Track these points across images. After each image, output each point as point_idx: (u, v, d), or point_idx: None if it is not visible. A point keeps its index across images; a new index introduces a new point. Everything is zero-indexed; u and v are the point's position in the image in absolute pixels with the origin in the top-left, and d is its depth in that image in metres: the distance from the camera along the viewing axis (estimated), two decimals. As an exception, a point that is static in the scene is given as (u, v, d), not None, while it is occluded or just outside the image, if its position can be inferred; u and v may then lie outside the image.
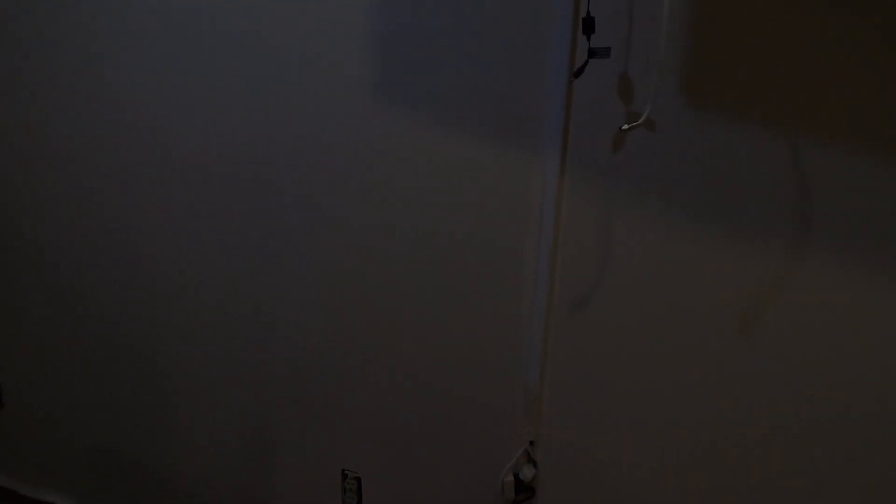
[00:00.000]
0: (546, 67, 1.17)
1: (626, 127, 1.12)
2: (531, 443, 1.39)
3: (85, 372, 1.81)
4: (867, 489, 1.15)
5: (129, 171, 1.58)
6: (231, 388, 1.66)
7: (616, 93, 1.15)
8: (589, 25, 1.09)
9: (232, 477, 1.74)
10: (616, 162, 1.18)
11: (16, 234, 1.76)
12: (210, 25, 1.40)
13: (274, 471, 1.69)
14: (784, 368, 1.15)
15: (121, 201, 1.61)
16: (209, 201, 1.53)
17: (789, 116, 1.05)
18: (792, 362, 1.14)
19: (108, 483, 1.90)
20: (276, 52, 1.37)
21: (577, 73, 1.13)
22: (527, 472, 1.40)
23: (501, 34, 1.20)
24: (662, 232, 1.18)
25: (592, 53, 1.10)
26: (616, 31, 1.12)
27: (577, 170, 1.21)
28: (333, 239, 1.44)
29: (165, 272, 1.63)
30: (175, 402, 1.73)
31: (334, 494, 1.63)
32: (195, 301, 1.62)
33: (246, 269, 1.54)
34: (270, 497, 1.71)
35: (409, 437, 1.51)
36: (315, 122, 1.38)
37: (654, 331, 1.23)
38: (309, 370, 1.56)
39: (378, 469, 1.57)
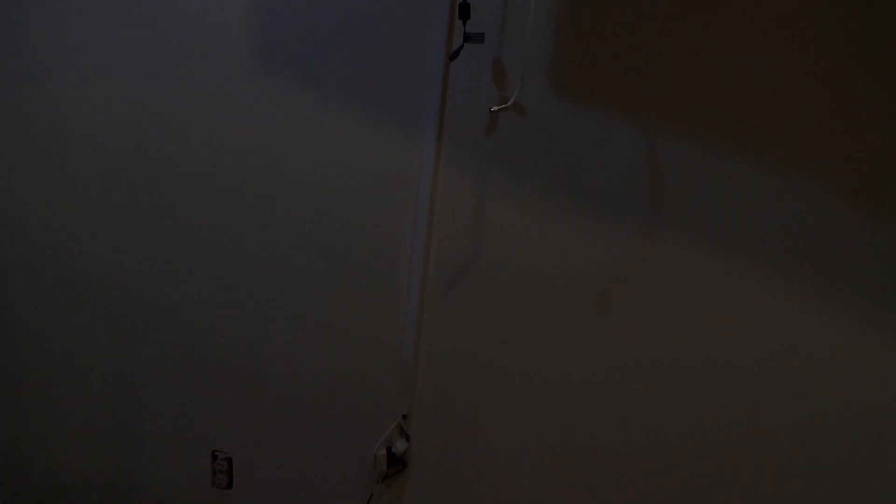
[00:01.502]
0: (425, 49, 1.21)
1: (494, 109, 1.17)
2: (404, 416, 1.42)
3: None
4: (717, 451, 1.28)
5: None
6: (96, 372, 1.57)
7: (490, 78, 1.20)
8: (465, 10, 1.13)
9: (97, 462, 1.65)
10: (489, 144, 1.23)
11: None
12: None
13: (142, 454, 1.62)
14: (639, 339, 1.25)
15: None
16: (79, 172, 1.44)
17: (646, 107, 1.14)
18: (646, 333, 1.25)
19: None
20: (158, 21, 1.31)
21: (453, 56, 1.17)
22: (399, 446, 1.43)
23: (383, 15, 1.21)
24: (531, 212, 1.24)
25: (467, 38, 1.14)
26: (491, 18, 1.17)
27: (453, 151, 1.25)
28: (210, 222, 1.40)
29: (27, 254, 1.52)
30: (30, 386, 1.62)
31: (204, 476, 1.59)
32: (59, 283, 1.52)
33: (117, 253, 1.47)
34: (138, 480, 1.65)
35: (282, 415, 1.50)
36: (192, 101, 1.34)
37: (523, 308, 1.30)
38: (179, 353, 1.51)
39: (250, 449, 1.55)
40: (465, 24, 1.14)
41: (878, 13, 1.01)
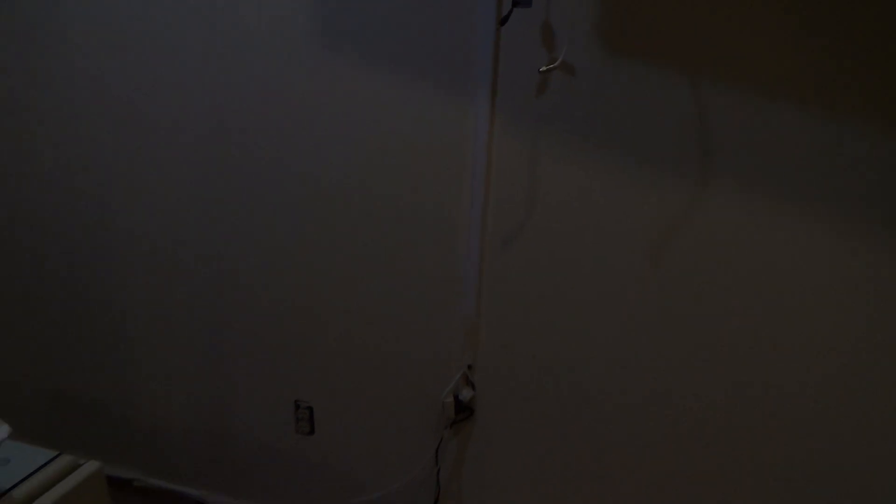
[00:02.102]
0: (476, 16, 1.26)
1: (543, 69, 1.22)
2: (469, 367, 1.52)
3: (41, 317, 1.86)
4: (774, 400, 1.32)
5: (83, 120, 1.60)
6: (188, 329, 1.73)
7: (539, 40, 1.25)
8: (512, -24, 1.17)
9: (191, 414, 1.83)
10: (540, 105, 1.28)
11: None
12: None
13: (232, 406, 1.78)
14: (692, 290, 1.30)
15: (74, 149, 1.64)
16: (165, 150, 1.57)
17: (693, 60, 1.17)
18: (698, 284, 1.29)
19: (67, 426, 1.97)
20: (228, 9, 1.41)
21: (503, 21, 1.22)
22: (465, 394, 1.54)
23: (433, -16, 1.27)
24: (582, 169, 1.29)
25: (516, 3, 1.19)
26: (538, -19, 1.21)
27: (506, 113, 1.31)
28: (285, 186, 1.51)
29: (123, 216, 1.68)
30: (133, 344, 1.80)
31: (289, 424, 1.74)
32: (152, 245, 1.68)
33: (202, 215, 1.60)
34: (231, 428, 1.81)
35: (357, 367, 1.62)
36: (261, 70, 1.44)
37: (577, 262, 1.36)
38: (262, 309, 1.65)
39: (329, 398, 1.68)
40: (513, -11, 1.19)
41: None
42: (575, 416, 1.47)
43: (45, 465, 0.95)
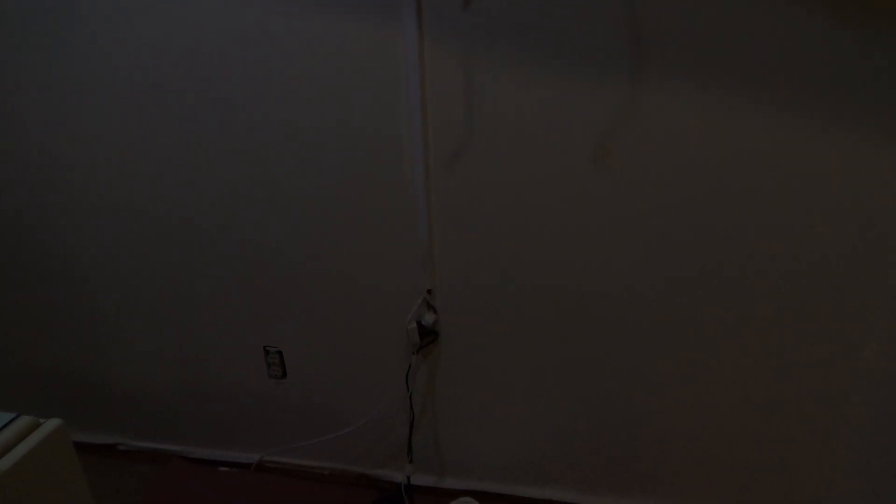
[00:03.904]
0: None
1: (463, -22, 1.19)
2: (429, 291, 1.54)
3: (13, 292, 1.82)
4: (720, 284, 1.37)
5: (56, 80, 1.51)
6: (154, 287, 1.71)
7: (459, -51, 1.21)
8: None
9: (165, 372, 1.84)
10: (468, 18, 1.25)
11: None
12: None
13: (204, 360, 1.79)
14: (633, 185, 1.32)
15: (23, 102, 1.55)
16: (133, 108, 1.50)
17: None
18: (639, 179, 1.31)
19: (43, 397, 1.97)
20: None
21: (418, -68, 1.17)
22: (428, 318, 1.56)
23: None
24: (518, 78, 1.28)
25: None
26: None
27: (434, 30, 1.28)
28: (234, 130, 1.46)
29: (79, 174, 1.61)
30: (101, 308, 1.78)
31: (260, 370, 1.76)
32: (112, 203, 1.62)
33: (158, 166, 1.55)
34: (206, 381, 1.82)
35: (321, 306, 1.63)
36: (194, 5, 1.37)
37: (523, 172, 1.36)
38: (223, 259, 1.63)
39: (297, 340, 1.70)
40: None
41: None
42: (534, 322, 1.51)
43: (6, 426, 0.95)
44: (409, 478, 1.73)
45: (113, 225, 1.65)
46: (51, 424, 0.97)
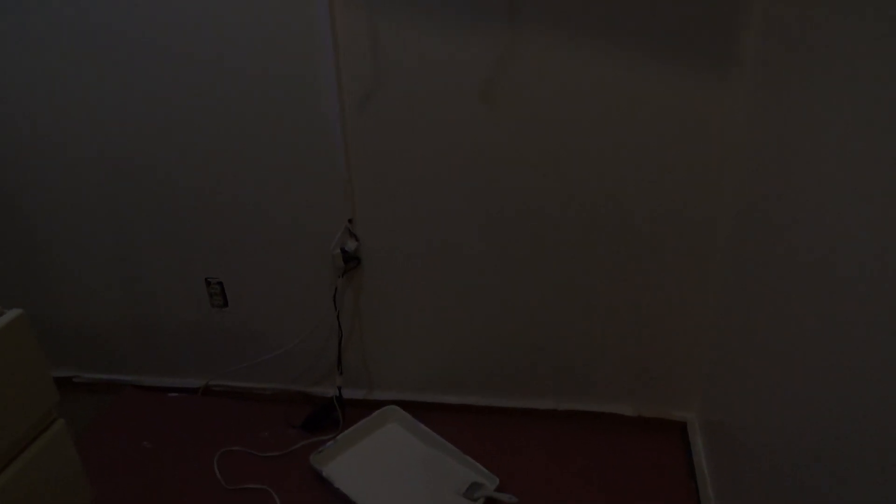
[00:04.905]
0: None
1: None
2: (350, 220, 1.74)
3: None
4: (604, 199, 1.60)
5: None
6: (96, 223, 1.87)
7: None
8: None
9: (112, 305, 2.00)
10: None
11: None
12: None
13: (150, 291, 1.96)
14: (518, 121, 1.54)
15: None
16: (67, 54, 1.64)
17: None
18: (523, 115, 1.53)
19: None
20: None
21: None
22: (351, 245, 1.76)
23: None
24: (418, 27, 1.48)
25: None
26: None
27: (343, -16, 1.47)
28: (171, 74, 1.62)
29: (19, 118, 1.74)
30: (46, 246, 1.93)
31: (203, 300, 1.94)
32: (52, 143, 1.76)
33: (93, 107, 1.70)
34: (153, 316, 2.00)
35: (258, 239, 1.82)
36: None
37: (424, 109, 1.57)
38: (162, 194, 1.80)
39: (236, 270, 1.88)
40: None
41: None
42: (445, 244, 1.73)
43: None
44: (339, 389, 1.94)
45: (54, 165, 1.80)
46: (11, 314, 1.14)
